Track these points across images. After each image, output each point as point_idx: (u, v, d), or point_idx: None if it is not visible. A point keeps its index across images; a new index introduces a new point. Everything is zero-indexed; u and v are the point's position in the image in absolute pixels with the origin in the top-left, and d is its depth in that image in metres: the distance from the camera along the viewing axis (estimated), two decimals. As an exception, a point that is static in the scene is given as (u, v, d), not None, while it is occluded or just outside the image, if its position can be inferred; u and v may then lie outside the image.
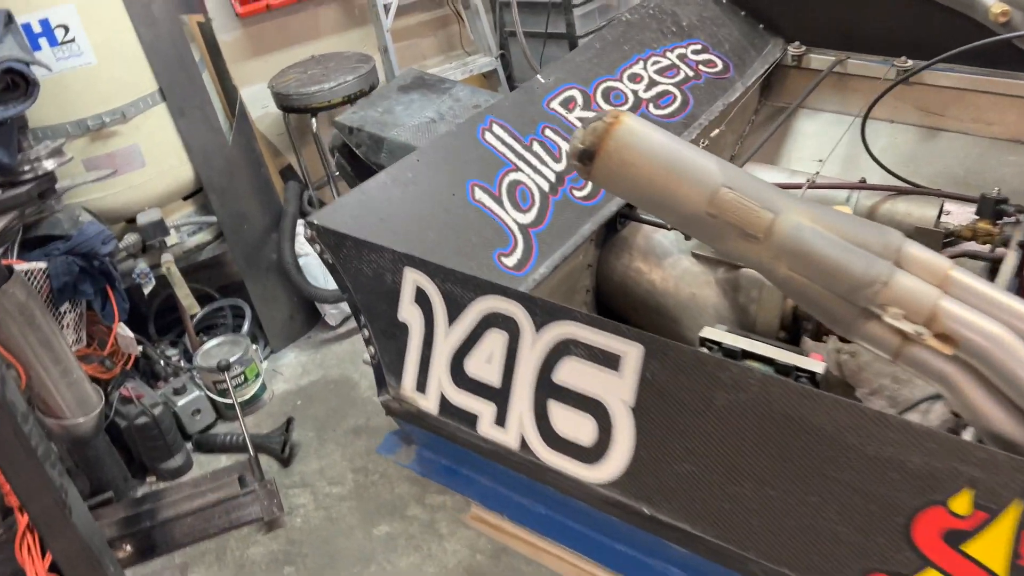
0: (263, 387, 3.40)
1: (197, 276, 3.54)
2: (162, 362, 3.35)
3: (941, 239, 2.13)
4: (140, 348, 3.07)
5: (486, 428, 1.38)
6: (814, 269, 1.14)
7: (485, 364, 1.36)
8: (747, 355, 1.62)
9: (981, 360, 1.08)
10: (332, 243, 1.52)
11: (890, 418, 1.02)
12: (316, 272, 3.58)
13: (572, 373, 1.26)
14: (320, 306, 3.76)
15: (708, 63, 2.36)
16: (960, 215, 2.14)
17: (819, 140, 2.64)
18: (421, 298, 1.43)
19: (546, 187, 1.89)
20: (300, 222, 3.71)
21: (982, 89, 2.32)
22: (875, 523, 1.04)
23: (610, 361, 1.22)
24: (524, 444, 1.34)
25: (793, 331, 1.98)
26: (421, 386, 1.46)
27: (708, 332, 1.67)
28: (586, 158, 1.23)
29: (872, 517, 1.04)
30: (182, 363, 3.43)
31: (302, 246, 3.63)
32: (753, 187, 1.19)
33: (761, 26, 2.54)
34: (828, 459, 1.06)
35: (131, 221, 3.15)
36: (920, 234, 2.16)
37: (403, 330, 1.47)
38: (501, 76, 4.45)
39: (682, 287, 2.02)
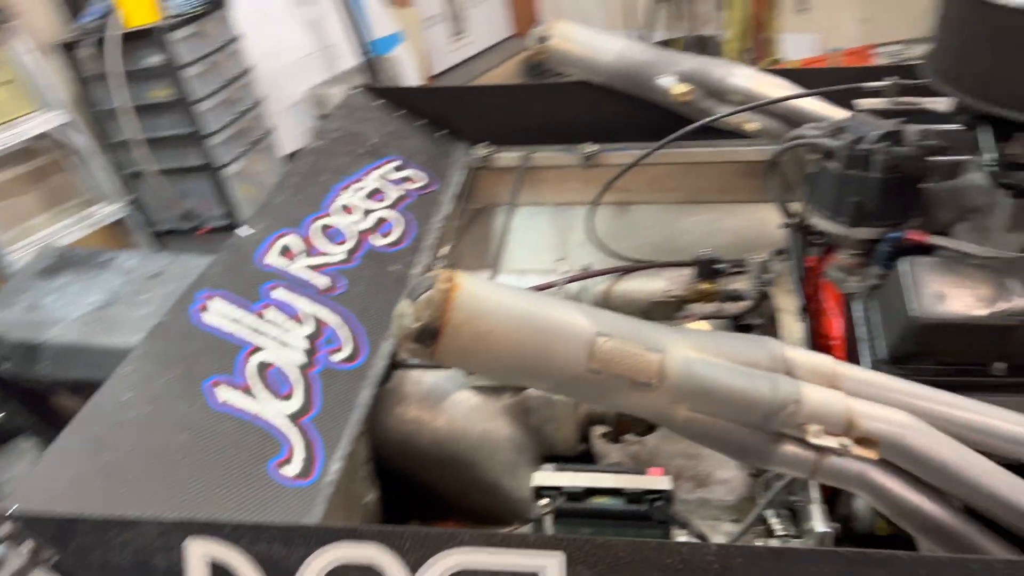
0: None
1: None
2: None
3: (674, 308, 2.21)
4: None
5: None
6: (718, 404, 1.00)
7: (346, 637, 0.99)
8: (591, 492, 1.46)
9: (898, 453, 1.02)
10: (55, 536, 1.02)
11: (903, 555, 0.89)
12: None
13: (477, 612, 0.96)
14: None
15: (410, 179, 2.20)
16: (678, 280, 2.23)
17: (521, 235, 2.62)
18: (222, 575, 1.01)
19: (300, 360, 1.54)
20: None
21: (656, 162, 2.48)
22: None
23: (524, 583, 0.95)
24: None
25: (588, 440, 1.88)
26: None
27: (539, 479, 1.47)
28: (427, 337, 0.96)
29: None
30: None
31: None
32: (627, 327, 1.02)
33: (446, 131, 2.46)
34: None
35: None
36: (657, 307, 2.21)
37: (202, 627, 1.02)
38: (135, 223, 3.82)
39: (470, 427, 1.80)
